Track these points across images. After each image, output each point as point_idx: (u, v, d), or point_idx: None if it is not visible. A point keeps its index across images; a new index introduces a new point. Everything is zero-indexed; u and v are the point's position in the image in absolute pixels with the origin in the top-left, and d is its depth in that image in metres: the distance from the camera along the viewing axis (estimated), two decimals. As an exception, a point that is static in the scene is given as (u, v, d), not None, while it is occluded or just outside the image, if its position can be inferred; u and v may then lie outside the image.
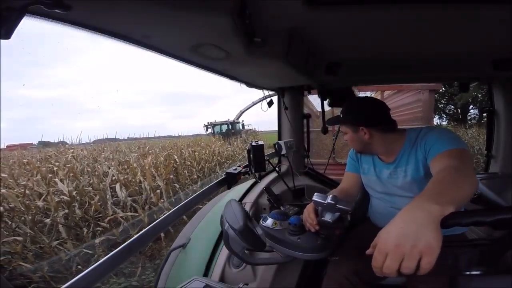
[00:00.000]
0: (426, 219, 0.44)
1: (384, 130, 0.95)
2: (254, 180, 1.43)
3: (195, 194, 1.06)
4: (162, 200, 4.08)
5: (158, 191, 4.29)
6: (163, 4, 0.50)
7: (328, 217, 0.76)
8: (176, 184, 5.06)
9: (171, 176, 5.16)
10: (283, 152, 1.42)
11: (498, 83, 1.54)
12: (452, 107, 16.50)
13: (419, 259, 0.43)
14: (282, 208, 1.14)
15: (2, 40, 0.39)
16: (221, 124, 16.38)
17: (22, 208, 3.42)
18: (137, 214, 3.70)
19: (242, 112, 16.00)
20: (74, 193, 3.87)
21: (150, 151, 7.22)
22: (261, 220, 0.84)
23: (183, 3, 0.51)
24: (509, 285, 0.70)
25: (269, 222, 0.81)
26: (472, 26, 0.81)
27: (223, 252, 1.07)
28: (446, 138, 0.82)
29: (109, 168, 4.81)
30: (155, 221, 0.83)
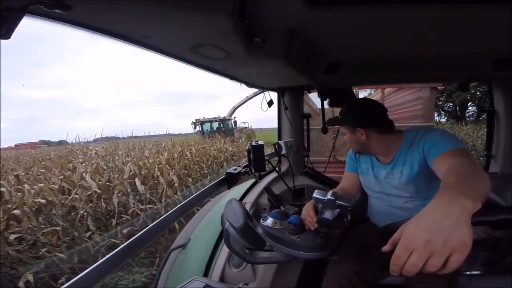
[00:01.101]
0: (462, 214, 0.42)
1: (381, 131, 0.96)
2: (254, 180, 1.43)
3: (195, 194, 1.06)
4: (178, 194, 4.33)
5: (173, 185, 4.57)
6: (163, 4, 0.50)
7: (328, 215, 0.76)
8: (189, 178, 5.40)
9: (184, 171, 5.54)
10: (283, 152, 1.42)
11: (498, 83, 1.54)
12: (451, 104, 16.53)
13: (447, 257, 0.40)
14: (282, 208, 1.15)
15: (2, 40, 0.39)
16: (211, 121, 14.34)
17: (57, 202, 3.67)
18: (155, 207, 3.89)
19: (235, 108, 14.49)
20: (99, 187, 4.12)
21: (165, 148, 7.61)
22: (261, 220, 0.84)
23: (183, 3, 0.51)
24: (509, 285, 0.70)
25: (269, 221, 0.82)
26: (472, 26, 0.81)
27: (223, 252, 1.07)
28: (446, 138, 0.82)
29: (127, 164, 5.08)
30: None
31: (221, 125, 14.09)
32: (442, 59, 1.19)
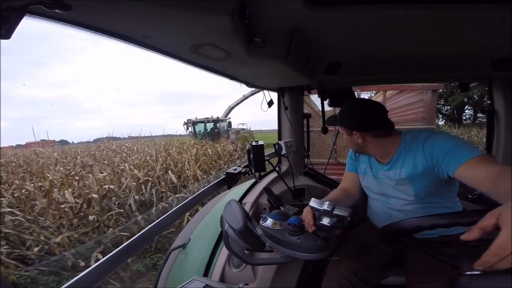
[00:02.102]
0: None
1: (378, 135, 0.94)
2: (254, 180, 1.43)
3: (195, 194, 1.06)
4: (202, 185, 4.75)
5: (198, 178, 5.49)
6: (163, 4, 0.50)
7: (326, 221, 0.76)
8: (212, 172, 6.19)
9: (204, 167, 6.49)
10: (283, 152, 1.42)
11: (498, 83, 1.54)
12: (449, 107, 16.64)
13: None
14: (282, 208, 1.14)
15: (2, 40, 0.39)
16: (203, 121, 13.17)
17: (115, 189, 4.38)
18: (186, 196, 4.26)
19: (231, 108, 13.54)
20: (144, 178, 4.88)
21: (184, 148, 8.52)
22: (261, 221, 0.84)
23: (183, 3, 0.51)
24: (509, 285, 0.70)
25: (269, 222, 0.81)
26: (472, 26, 0.81)
27: (223, 252, 1.07)
28: (462, 145, 0.81)
29: (157, 160, 5.98)
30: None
31: (215, 126, 13.17)
32: (442, 59, 1.19)
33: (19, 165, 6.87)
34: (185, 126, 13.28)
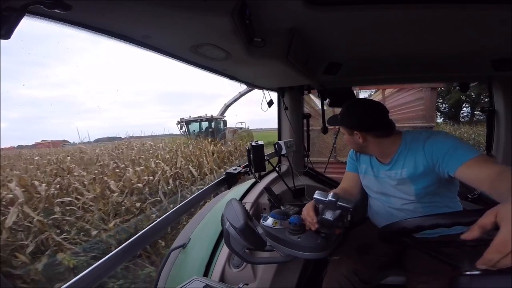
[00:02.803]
0: None
1: (378, 136, 0.95)
2: (254, 180, 1.43)
3: (195, 194, 1.06)
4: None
5: (213, 172, 6.10)
6: (163, 4, 0.50)
7: (329, 215, 0.76)
8: (227, 166, 6.36)
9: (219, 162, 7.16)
10: (283, 152, 1.42)
11: (498, 83, 1.54)
12: (446, 105, 16.69)
13: None
14: (282, 208, 1.15)
15: (2, 40, 0.39)
16: (197, 120, 12.16)
17: (152, 179, 5.01)
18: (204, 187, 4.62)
19: (227, 106, 12.55)
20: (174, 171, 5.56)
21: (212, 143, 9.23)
22: (261, 220, 0.84)
23: (183, 3, 0.51)
24: (509, 285, 0.70)
25: (270, 221, 0.81)
26: (472, 26, 0.81)
27: (223, 252, 1.07)
28: (461, 145, 0.81)
29: (177, 157, 6.58)
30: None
31: (210, 125, 12.22)
32: (442, 59, 1.19)
33: (59, 160, 7.28)
34: (179, 125, 12.34)
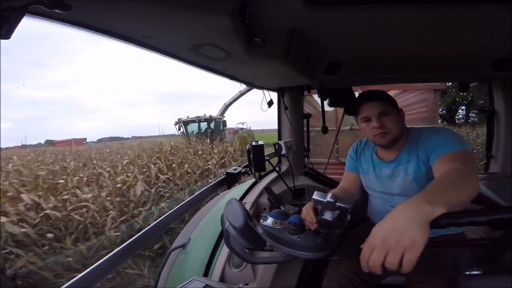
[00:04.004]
0: (415, 217, 0.46)
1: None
2: (254, 180, 1.43)
3: (195, 194, 1.06)
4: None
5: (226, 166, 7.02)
6: (163, 4, 0.50)
7: (328, 216, 0.76)
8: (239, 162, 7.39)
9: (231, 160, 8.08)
10: (283, 152, 1.42)
11: (498, 83, 1.54)
12: (442, 107, 16.79)
13: (402, 255, 0.44)
14: (282, 208, 1.14)
15: (2, 40, 0.39)
16: (195, 121, 11.66)
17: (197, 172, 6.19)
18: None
19: (227, 105, 12.18)
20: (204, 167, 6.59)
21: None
22: (261, 220, 0.84)
23: (183, 3, 0.51)
24: (509, 285, 0.70)
25: (269, 221, 0.81)
26: (472, 26, 0.81)
27: (223, 252, 1.07)
28: (450, 139, 0.82)
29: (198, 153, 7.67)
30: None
31: (209, 126, 11.74)
32: (442, 59, 1.19)
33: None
34: (177, 126, 11.82)
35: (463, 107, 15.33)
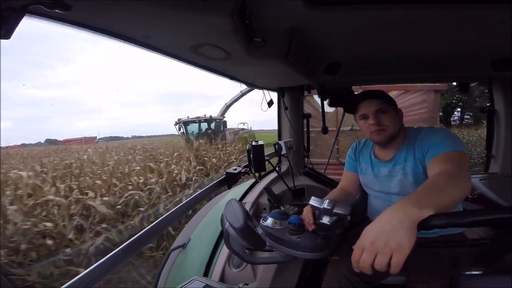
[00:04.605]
0: (403, 220, 0.47)
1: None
2: (254, 180, 1.43)
3: (195, 194, 1.06)
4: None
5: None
6: (163, 4, 0.50)
7: (326, 220, 0.76)
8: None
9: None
10: (283, 152, 1.42)
11: (498, 83, 1.54)
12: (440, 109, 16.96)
13: (390, 257, 0.45)
14: (282, 208, 1.14)
15: (2, 40, 0.39)
16: (195, 121, 11.47)
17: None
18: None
19: (228, 106, 11.96)
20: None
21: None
22: (261, 220, 0.84)
23: (183, 3, 0.51)
24: (509, 285, 0.70)
25: (269, 221, 0.81)
26: (472, 26, 0.81)
27: (223, 252, 1.07)
28: (446, 139, 0.82)
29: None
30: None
31: (209, 126, 11.55)
32: (442, 59, 1.19)
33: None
34: (177, 126, 11.60)
35: (458, 109, 15.45)
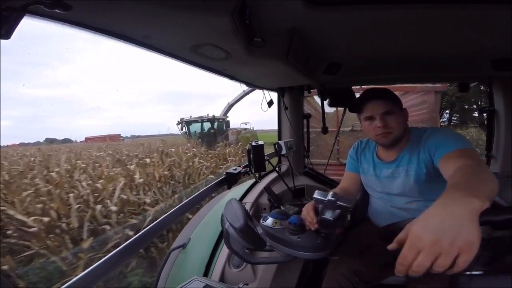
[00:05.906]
0: (467, 214, 0.41)
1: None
2: (254, 180, 1.43)
3: (195, 194, 1.06)
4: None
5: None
6: (163, 4, 0.50)
7: (328, 215, 0.76)
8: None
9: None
10: (283, 152, 1.42)
11: (498, 83, 1.54)
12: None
13: (455, 257, 0.39)
14: (282, 208, 1.14)
15: (2, 40, 0.39)
16: (197, 121, 11.44)
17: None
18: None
19: (231, 105, 12.08)
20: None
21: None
22: (261, 220, 0.84)
23: (183, 3, 0.51)
24: (509, 285, 0.70)
25: (269, 221, 0.81)
26: (472, 26, 0.81)
27: (223, 252, 1.07)
28: (453, 138, 0.81)
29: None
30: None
31: (212, 126, 11.59)
32: (442, 59, 1.19)
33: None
34: (179, 126, 11.66)
35: (447, 111, 15.58)
